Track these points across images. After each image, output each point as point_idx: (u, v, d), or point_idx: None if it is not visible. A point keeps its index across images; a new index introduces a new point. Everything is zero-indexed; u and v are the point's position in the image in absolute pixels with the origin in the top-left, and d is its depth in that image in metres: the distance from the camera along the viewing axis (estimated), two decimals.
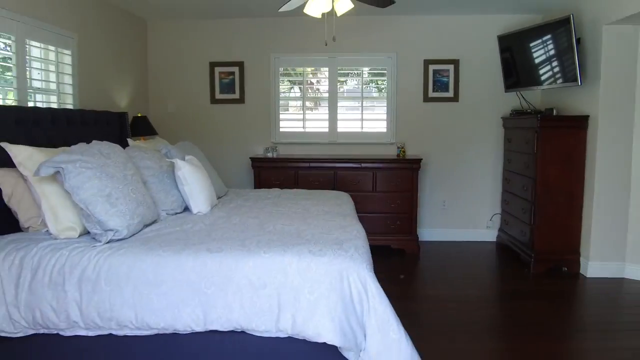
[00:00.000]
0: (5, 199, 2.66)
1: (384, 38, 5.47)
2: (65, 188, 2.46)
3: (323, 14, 3.18)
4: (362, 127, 5.63)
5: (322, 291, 2.23)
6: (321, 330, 2.18)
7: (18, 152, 2.63)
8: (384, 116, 5.60)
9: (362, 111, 5.63)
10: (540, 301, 3.86)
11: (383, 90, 5.64)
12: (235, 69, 5.60)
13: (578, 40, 4.29)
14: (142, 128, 4.76)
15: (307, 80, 5.77)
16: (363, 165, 5.15)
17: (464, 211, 5.67)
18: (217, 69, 5.61)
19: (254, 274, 2.27)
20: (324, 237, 2.63)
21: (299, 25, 5.38)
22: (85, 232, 2.60)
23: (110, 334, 2.34)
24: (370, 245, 2.80)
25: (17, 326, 2.33)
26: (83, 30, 4.33)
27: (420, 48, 5.49)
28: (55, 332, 2.35)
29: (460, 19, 5.40)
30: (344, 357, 2.28)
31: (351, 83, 5.78)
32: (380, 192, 5.15)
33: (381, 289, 2.32)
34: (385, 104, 5.59)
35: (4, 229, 2.66)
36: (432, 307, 3.76)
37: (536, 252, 4.54)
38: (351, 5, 3.07)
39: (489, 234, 5.67)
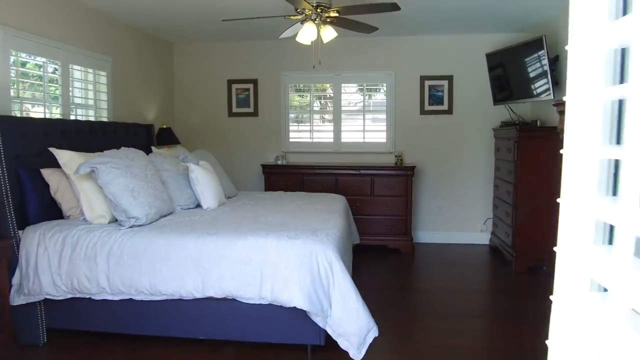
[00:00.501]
0: (52, 193, 3.34)
1: (383, 57, 6.03)
2: (98, 184, 3.11)
3: (312, 41, 3.77)
4: (364, 138, 6.18)
5: (295, 267, 2.79)
6: (292, 297, 2.74)
7: (62, 156, 3.30)
8: (384, 127, 6.13)
9: (364, 123, 6.19)
10: (514, 294, 4.31)
11: (383, 104, 6.18)
12: (250, 86, 6.26)
13: (556, 57, 4.74)
14: (166, 138, 5.44)
15: (317, 96, 6.38)
16: (362, 172, 5.69)
17: (459, 215, 6.12)
18: (234, 86, 6.29)
19: (242, 252, 2.86)
20: (304, 226, 3.20)
21: (306, 47, 5.99)
22: (113, 219, 3.25)
23: (131, 299, 2.96)
24: (367, 244, 3.30)
25: (58, 290, 2.98)
26: (117, 53, 5.06)
27: (417, 65, 6.02)
28: (88, 296, 2.99)
29: (454, 38, 5.90)
30: (313, 322, 2.83)
31: (354, 98, 6.35)
32: (378, 197, 5.67)
33: (344, 267, 2.87)
34: (385, 117, 6.12)
35: (51, 216, 3.33)
36: (419, 296, 4.27)
37: (517, 252, 4.97)
38: (335, 34, 3.66)
39: (483, 237, 6.10)
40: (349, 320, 2.79)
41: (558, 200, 0.79)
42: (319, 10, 3.52)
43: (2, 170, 3.02)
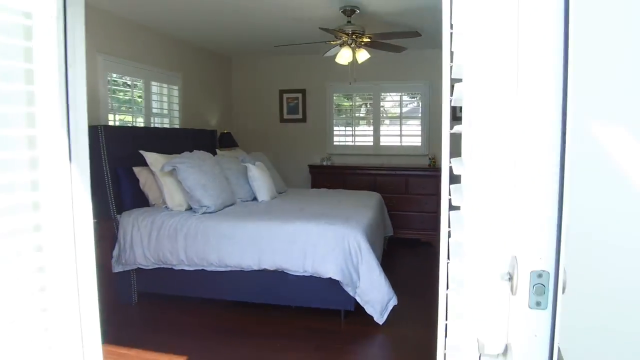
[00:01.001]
0: (141, 186, 4.22)
1: (419, 68, 6.64)
2: (178, 179, 3.96)
3: (349, 62, 4.48)
4: (401, 142, 6.82)
5: (331, 246, 3.51)
6: (329, 270, 3.46)
7: (149, 157, 4.17)
8: (419, 132, 6.74)
9: (400, 128, 6.83)
10: None
11: (418, 111, 6.79)
12: (299, 95, 7.04)
13: None
14: (226, 141, 6.30)
15: (358, 104, 7.08)
16: (398, 172, 6.33)
17: None
18: (285, 95, 7.08)
19: (290, 234, 3.60)
20: (339, 215, 3.91)
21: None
22: (189, 207, 4.08)
23: (203, 269, 3.77)
24: (402, 237, 3.94)
25: (147, 262, 3.84)
26: (185, 69, 5.96)
27: None
28: (170, 267, 3.82)
29: None
30: (345, 291, 3.53)
31: (392, 105, 6.99)
32: (412, 195, 6.29)
33: (371, 249, 3.56)
34: (419, 123, 6.73)
35: (141, 204, 4.21)
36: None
37: None
38: (368, 55, 4.36)
39: None
40: (374, 291, 3.48)
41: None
42: (354, 36, 4.23)
43: (105, 168, 3.93)
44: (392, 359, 3.27)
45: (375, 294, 3.48)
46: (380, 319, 3.50)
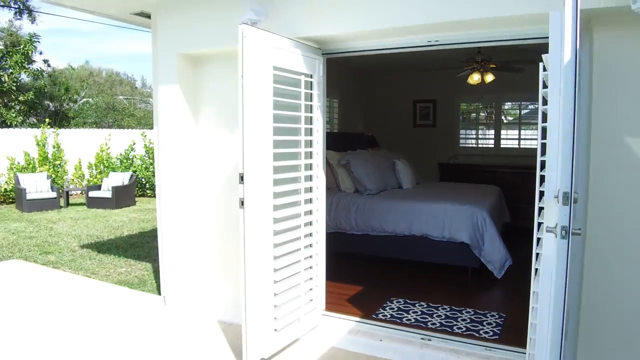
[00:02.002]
0: None
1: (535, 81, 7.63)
2: (350, 169, 5.58)
3: (479, 82, 5.78)
4: (519, 145, 7.88)
5: (463, 219, 4.87)
6: (462, 236, 4.83)
7: (330, 155, 5.85)
8: (536, 136, 7.74)
9: (519, 133, 7.88)
10: None
11: (535, 117, 7.78)
12: (430, 104, 8.41)
13: None
14: (371, 142, 7.87)
15: (483, 112, 8.26)
16: (515, 171, 7.41)
17: None
18: (418, 104, 8.49)
19: (432, 210, 5.03)
20: (468, 199, 5.26)
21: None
22: (356, 190, 5.69)
23: (367, 234, 5.34)
24: (518, 225, 5.22)
25: (328, 228, 5.50)
26: (343, 85, 7.64)
27: None
28: (343, 231, 5.45)
29: None
30: (473, 252, 4.86)
31: (512, 114, 8.07)
32: (528, 190, 7.33)
33: (493, 223, 4.85)
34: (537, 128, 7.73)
35: None
36: None
37: None
38: (493, 77, 5.63)
39: None
40: (494, 253, 4.79)
41: None
42: (482, 63, 5.54)
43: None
44: (506, 303, 4.54)
45: (495, 256, 4.78)
46: (499, 274, 4.79)
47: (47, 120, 13.30)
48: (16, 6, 25.38)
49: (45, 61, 16.88)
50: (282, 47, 3.17)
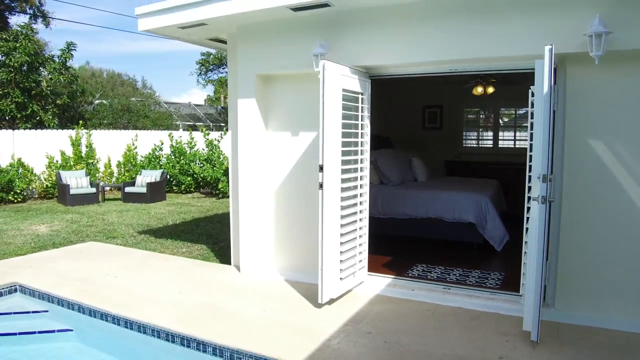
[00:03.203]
0: None
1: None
2: (377, 165, 6.80)
3: (481, 92, 7.02)
4: (514, 145, 9.13)
5: (470, 204, 6.11)
6: (469, 217, 6.06)
7: None
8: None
9: (514, 135, 9.13)
10: None
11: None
12: (437, 109, 9.64)
13: None
14: (387, 143, 9.07)
15: (482, 117, 9.50)
16: (510, 167, 8.65)
17: None
18: (427, 110, 9.72)
19: (445, 197, 6.27)
20: (473, 189, 6.50)
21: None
22: (380, 182, 6.91)
23: (392, 217, 6.57)
24: (514, 214, 6.50)
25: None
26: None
27: None
28: (372, 216, 6.66)
29: None
30: (478, 231, 6.09)
31: (508, 118, 9.31)
32: (522, 183, 8.58)
33: (494, 207, 6.09)
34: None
35: None
36: None
37: None
38: (493, 89, 6.87)
39: None
40: (495, 230, 6.02)
41: None
42: (485, 77, 6.77)
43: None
44: (505, 266, 5.75)
45: (496, 233, 6.02)
46: (498, 247, 6.02)
47: (80, 122, 14.44)
48: (31, 11, 26.46)
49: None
50: (345, 73, 4.39)
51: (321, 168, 4.11)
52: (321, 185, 4.14)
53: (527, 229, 3.82)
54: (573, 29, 3.68)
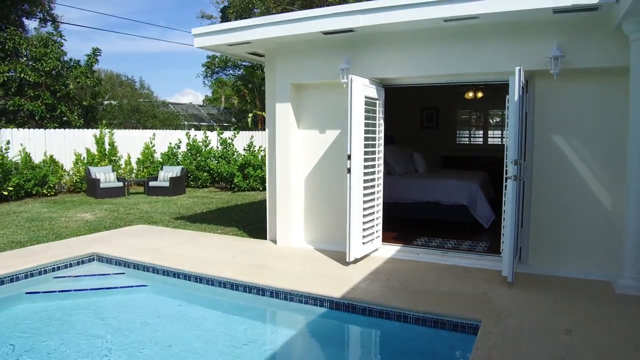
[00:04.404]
0: None
1: None
2: (384, 157, 8.08)
3: (471, 96, 8.31)
4: (502, 142, 10.43)
5: (463, 190, 7.41)
6: (462, 200, 7.35)
7: None
8: None
9: (502, 133, 10.44)
10: None
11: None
12: (434, 111, 10.93)
13: None
14: (390, 140, 10.33)
15: (473, 117, 10.80)
16: (497, 161, 9.93)
17: None
18: (424, 111, 11.01)
19: (442, 184, 7.56)
20: (466, 178, 7.79)
21: (469, 93, 10.47)
22: (387, 172, 8.18)
23: (397, 202, 7.84)
24: (498, 200, 7.82)
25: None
26: None
27: None
28: (386, 201, 7.94)
29: None
30: (470, 212, 7.38)
31: (496, 118, 10.62)
32: None
33: (482, 193, 7.38)
34: None
35: None
36: None
37: None
38: (482, 94, 8.17)
39: None
40: (484, 211, 7.31)
41: None
42: (475, 85, 8.06)
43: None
44: (490, 238, 7.01)
45: (484, 213, 7.30)
46: (486, 225, 7.31)
47: (103, 122, 15.61)
48: (41, 15, 27.55)
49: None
50: (365, 84, 5.65)
51: (349, 157, 5.37)
52: (349, 170, 5.40)
53: (504, 201, 5.10)
54: (540, 52, 4.96)
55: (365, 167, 5.75)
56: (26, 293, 5.41)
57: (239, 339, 4.51)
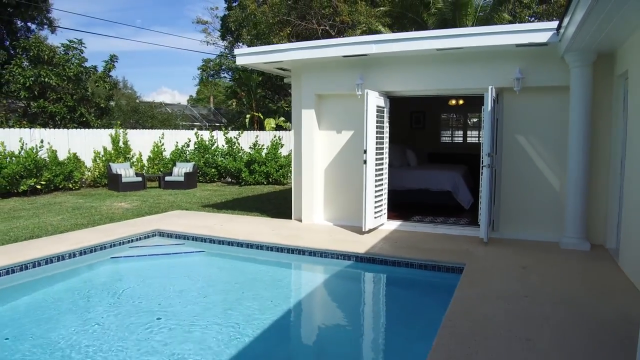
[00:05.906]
0: None
1: None
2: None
3: (454, 103, 10.13)
4: (479, 140, 12.30)
5: (449, 178, 9.21)
6: (447, 187, 9.16)
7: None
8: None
9: (479, 133, 12.31)
10: None
11: None
12: (421, 114, 12.74)
13: None
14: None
15: (454, 119, 12.65)
16: (475, 157, 11.80)
17: None
18: (413, 114, 12.82)
19: (432, 173, 9.37)
20: (450, 170, 9.61)
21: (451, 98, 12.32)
22: (391, 165, 9.95)
23: (394, 189, 9.59)
24: (477, 189, 9.68)
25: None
26: None
27: None
28: (392, 189, 9.70)
29: None
30: (453, 196, 9.19)
31: (473, 121, 12.47)
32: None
33: (463, 181, 9.21)
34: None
35: None
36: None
37: None
38: (463, 101, 10.00)
39: None
40: (465, 195, 9.13)
41: None
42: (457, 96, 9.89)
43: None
44: (470, 215, 8.81)
45: (465, 197, 9.12)
46: (467, 206, 9.12)
47: (118, 122, 17.01)
48: (38, 19, 28.62)
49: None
50: (376, 96, 7.38)
51: (365, 151, 7.10)
52: (365, 162, 7.13)
53: (481, 184, 6.87)
54: (507, 74, 6.76)
55: (376, 160, 7.48)
56: (111, 258, 6.98)
57: (285, 280, 6.27)
